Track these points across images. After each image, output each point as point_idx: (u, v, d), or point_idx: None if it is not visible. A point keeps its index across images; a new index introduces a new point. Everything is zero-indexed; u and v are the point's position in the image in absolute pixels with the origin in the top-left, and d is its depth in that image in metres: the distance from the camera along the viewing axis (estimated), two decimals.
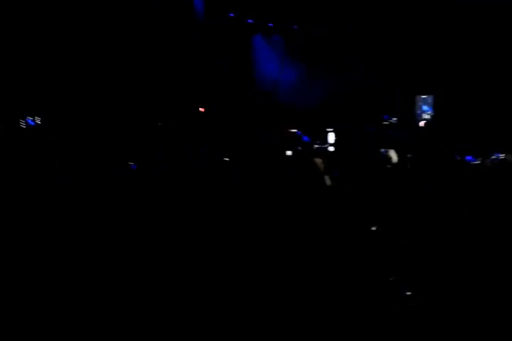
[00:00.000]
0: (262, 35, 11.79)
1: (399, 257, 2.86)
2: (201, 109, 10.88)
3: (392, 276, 2.67)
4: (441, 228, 3.17)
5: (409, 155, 6.23)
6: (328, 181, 4.02)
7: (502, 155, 6.15)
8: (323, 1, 10.47)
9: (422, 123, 8.68)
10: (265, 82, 11.33)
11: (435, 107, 8.81)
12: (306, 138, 8.32)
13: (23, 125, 8.01)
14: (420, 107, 8.99)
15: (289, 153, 7.90)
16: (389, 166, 5.12)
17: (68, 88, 8.61)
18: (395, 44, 9.31)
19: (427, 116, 8.87)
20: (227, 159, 6.79)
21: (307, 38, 11.41)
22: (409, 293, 2.59)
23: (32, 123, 8.17)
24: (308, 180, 4.09)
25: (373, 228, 2.99)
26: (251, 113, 10.26)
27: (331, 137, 8.33)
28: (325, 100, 9.95)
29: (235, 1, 11.05)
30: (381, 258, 2.88)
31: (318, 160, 4.19)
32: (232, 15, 11.70)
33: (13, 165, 4.89)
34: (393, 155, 5.21)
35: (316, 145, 8.14)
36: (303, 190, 4.04)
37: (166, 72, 10.04)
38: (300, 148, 7.91)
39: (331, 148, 8.12)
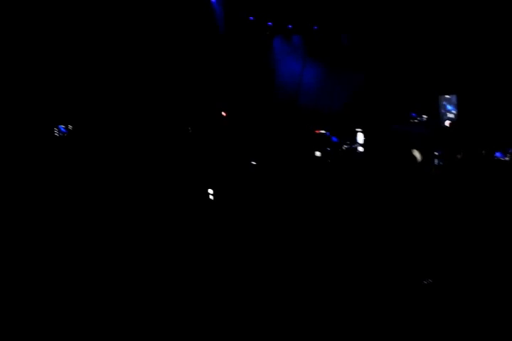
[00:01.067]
0: (282, 37, 11.93)
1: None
2: (223, 113, 11.05)
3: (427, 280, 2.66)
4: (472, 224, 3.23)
5: (436, 153, 6.39)
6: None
7: None
8: (342, 2, 10.62)
9: (447, 123, 8.83)
10: (287, 84, 11.42)
11: (459, 107, 8.93)
12: (334, 139, 8.49)
13: (56, 133, 8.24)
14: (444, 107, 9.15)
15: (318, 154, 8.08)
16: (414, 165, 5.27)
17: (96, 96, 8.79)
18: (418, 44, 9.40)
19: (451, 116, 9.01)
20: (254, 163, 6.99)
21: (328, 39, 11.55)
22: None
23: (64, 130, 8.40)
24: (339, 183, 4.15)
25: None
26: (274, 116, 10.40)
27: (360, 137, 8.55)
28: (349, 101, 10.09)
29: (254, 4, 11.19)
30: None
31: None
32: (252, 18, 11.89)
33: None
34: (417, 155, 5.37)
35: (346, 146, 8.32)
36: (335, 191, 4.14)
37: (188, 76, 10.15)
38: (329, 149, 8.10)
39: (361, 148, 8.33)
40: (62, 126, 8.35)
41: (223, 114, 10.92)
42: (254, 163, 7.06)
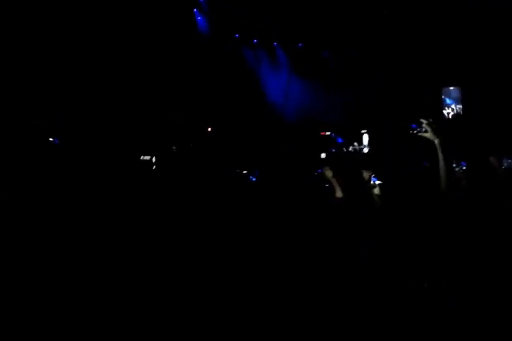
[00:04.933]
0: (267, 53, 12.01)
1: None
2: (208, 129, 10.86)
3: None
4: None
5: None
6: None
7: None
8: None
9: (449, 115, 8.60)
10: (274, 100, 11.43)
11: (464, 100, 8.77)
12: (340, 140, 8.21)
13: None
14: (444, 101, 8.98)
15: (323, 155, 7.75)
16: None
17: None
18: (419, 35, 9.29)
19: (449, 110, 8.83)
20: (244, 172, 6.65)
21: (313, 56, 11.64)
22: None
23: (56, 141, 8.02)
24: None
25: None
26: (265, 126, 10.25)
27: (366, 138, 8.23)
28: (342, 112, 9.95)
29: (237, 21, 11.31)
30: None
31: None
32: (237, 36, 11.96)
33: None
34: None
35: (352, 147, 8.01)
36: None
37: (174, 90, 10.12)
38: (334, 150, 7.78)
39: (366, 149, 8.00)
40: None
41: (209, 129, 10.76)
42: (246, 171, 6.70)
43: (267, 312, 2.55)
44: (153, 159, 6.87)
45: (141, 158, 6.83)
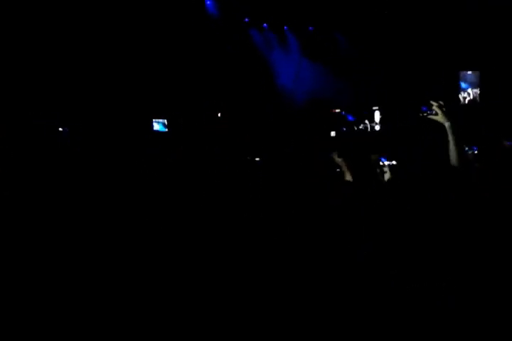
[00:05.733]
0: (277, 38, 11.89)
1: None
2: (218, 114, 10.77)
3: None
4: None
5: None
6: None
7: None
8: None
9: (465, 100, 8.41)
10: (284, 84, 11.28)
11: (482, 85, 8.51)
12: (350, 118, 8.02)
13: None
14: (460, 85, 8.77)
15: (333, 133, 7.58)
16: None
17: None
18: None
19: (465, 95, 8.62)
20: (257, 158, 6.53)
21: (324, 39, 11.49)
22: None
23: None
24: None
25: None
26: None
27: (377, 115, 8.04)
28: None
29: (248, 4, 11.22)
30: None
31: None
32: (247, 20, 11.86)
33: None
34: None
35: (363, 125, 7.82)
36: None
37: (182, 76, 10.03)
38: (345, 129, 7.60)
39: (378, 127, 7.80)
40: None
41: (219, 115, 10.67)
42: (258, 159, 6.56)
43: (267, 312, 2.56)
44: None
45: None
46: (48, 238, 3.33)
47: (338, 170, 3.51)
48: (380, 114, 7.89)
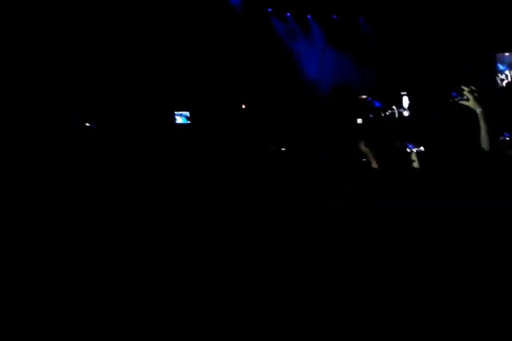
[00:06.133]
0: (300, 27, 11.65)
1: None
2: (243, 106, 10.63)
3: None
4: None
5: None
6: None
7: None
8: None
9: (503, 83, 7.89)
10: (309, 74, 11.03)
11: None
12: (377, 104, 7.66)
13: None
14: (497, 67, 8.24)
15: (359, 121, 7.25)
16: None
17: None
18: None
19: (503, 77, 8.09)
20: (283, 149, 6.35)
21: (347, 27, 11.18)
22: None
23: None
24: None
25: None
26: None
27: (406, 101, 7.63)
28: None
29: None
30: None
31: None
32: (270, 10, 11.68)
33: None
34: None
35: (390, 111, 7.45)
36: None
37: (205, 68, 9.93)
38: (372, 116, 7.25)
39: (406, 113, 7.41)
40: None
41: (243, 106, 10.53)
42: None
43: (267, 312, 2.55)
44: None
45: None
46: (49, 238, 3.34)
47: (364, 159, 3.40)
48: (409, 100, 7.50)
